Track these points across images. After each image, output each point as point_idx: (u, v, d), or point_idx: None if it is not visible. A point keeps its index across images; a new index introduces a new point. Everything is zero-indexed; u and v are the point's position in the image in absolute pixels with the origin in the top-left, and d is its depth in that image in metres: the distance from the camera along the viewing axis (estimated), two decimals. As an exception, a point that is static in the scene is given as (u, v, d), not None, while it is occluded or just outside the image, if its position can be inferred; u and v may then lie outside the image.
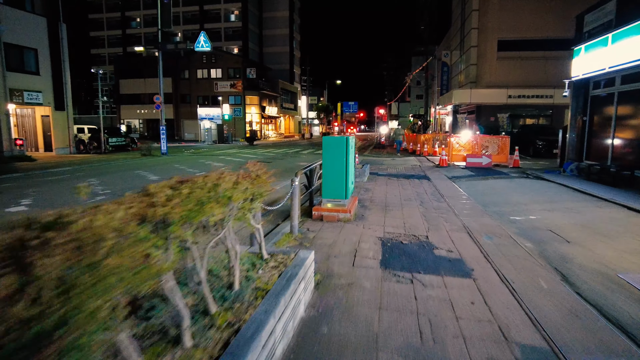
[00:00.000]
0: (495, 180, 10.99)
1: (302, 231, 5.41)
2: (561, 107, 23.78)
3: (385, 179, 11.12)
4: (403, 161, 17.32)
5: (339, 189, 5.98)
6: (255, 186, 2.73)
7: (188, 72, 51.69)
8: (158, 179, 11.09)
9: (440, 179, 11.06)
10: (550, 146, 19.37)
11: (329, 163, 5.94)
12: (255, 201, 2.77)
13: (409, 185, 9.87)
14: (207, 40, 19.91)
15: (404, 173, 12.55)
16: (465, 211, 6.89)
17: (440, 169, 13.76)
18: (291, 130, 66.13)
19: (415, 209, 7.09)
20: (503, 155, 14.69)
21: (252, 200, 2.75)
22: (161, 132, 21.04)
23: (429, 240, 5.12)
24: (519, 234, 5.68)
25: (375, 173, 12.33)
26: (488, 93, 24.22)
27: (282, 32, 67.01)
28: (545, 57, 23.74)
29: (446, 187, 9.65)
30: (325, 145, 5.93)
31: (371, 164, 15.38)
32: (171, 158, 19.17)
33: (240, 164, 15.80)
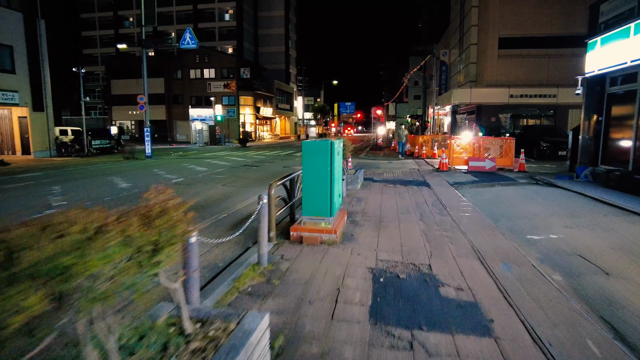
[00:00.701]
0: (503, 187, 9.95)
1: (273, 259, 4.34)
2: (564, 107, 22.83)
3: (380, 185, 10.07)
4: (400, 164, 16.29)
5: (323, 204, 4.92)
6: (157, 229, 1.66)
7: (181, 72, 50.57)
8: (129, 187, 10.03)
9: (441, 186, 10.02)
10: (555, 148, 18.40)
11: (310, 174, 4.88)
12: (161, 252, 1.70)
13: (407, 194, 8.82)
14: (194, 37, 18.83)
15: (401, 178, 11.51)
16: (473, 227, 5.84)
17: (441, 174, 12.72)
18: (287, 132, 65.07)
19: (414, 224, 6.04)
20: (508, 158, 13.67)
21: (156, 251, 1.68)
22: (145, 134, 19.94)
23: (432, 272, 4.06)
24: (543, 260, 4.63)
25: (370, 179, 11.28)
26: (489, 92, 23.24)
27: (278, 31, 65.98)
28: (548, 55, 22.78)
29: (448, 195, 8.60)
30: (305, 152, 4.87)
31: (366, 168, 14.34)
32: (154, 162, 18.07)
33: (226, 167, 14.80)
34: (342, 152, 5.61)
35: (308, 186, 4.92)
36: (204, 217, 6.75)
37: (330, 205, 4.91)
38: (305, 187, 4.94)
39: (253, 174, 13.12)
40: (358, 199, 8.15)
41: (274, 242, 4.94)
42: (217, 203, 7.98)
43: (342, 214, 5.69)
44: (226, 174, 12.89)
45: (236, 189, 9.78)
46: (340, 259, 4.41)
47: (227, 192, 9.39)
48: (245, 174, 12.93)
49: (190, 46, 18.91)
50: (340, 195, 5.63)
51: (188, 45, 18.94)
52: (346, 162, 10.26)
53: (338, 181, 5.30)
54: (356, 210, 7.04)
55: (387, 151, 25.40)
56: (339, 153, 5.41)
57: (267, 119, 55.10)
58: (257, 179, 11.80)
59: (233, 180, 11.38)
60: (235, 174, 12.93)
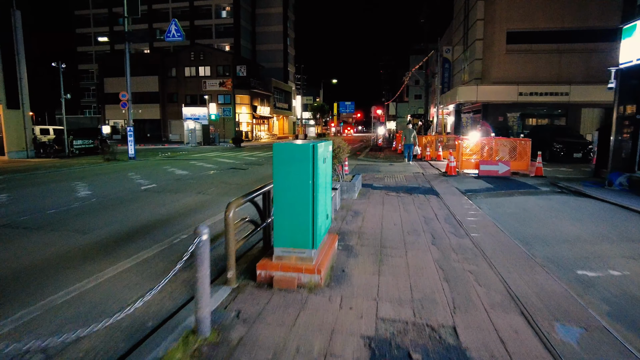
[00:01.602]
0: (524, 196, 8.55)
1: (224, 320, 2.94)
2: (577, 106, 21.45)
3: (381, 194, 8.69)
4: (403, 167, 14.90)
5: (302, 233, 3.53)
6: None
7: (175, 70, 49.20)
8: (87, 196, 8.55)
9: (451, 194, 8.63)
10: (570, 150, 17.03)
11: (285, 190, 3.49)
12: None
13: (412, 205, 7.43)
14: (180, 30, 17.45)
15: (404, 185, 10.12)
16: (502, 255, 4.46)
17: (449, 179, 11.33)
18: (285, 131, 63.70)
19: (425, 251, 4.66)
20: (523, 161, 12.29)
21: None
22: (128, 134, 18.55)
23: (459, 343, 2.67)
24: (616, 317, 3.24)
25: (370, 185, 9.89)
26: (496, 90, 21.84)
27: (276, 29, 64.57)
28: (559, 50, 21.39)
29: (462, 207, 7.22)
30: (277, 160, 3.49)
31: (365, 172, 12.96)
32: (135, 164, 16.67)
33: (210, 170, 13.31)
34: (331, 158, 4.24)
35: (281, 208, 3.53)
36: (155, 239, 5.36)
37: (312, 234, 3.52)
38: (277, 209, 3.55)
39: (238, 178, 11.72)
40: (354, 212, 6.76)
41: (233, 286, 3.55)
42: (181, 218, 6.59)
43: (330, 242, 4.29)
44: (207, 179, 11.50)
45: (212, 198, 8.39)
46: (323, 317, 3.01)
47: (200, 201, 8.00)
48: (229, 179, 11.53)
49: (176, 39, 17.53)
50: (329, 216, 4.25)
51: (174, 38, 17.56)
52: (342, 167, 8.88)
53: (324, 199, 3.91)
54: (351, 229, 5.64)
55: (388, 152, 24.01)
56: (327, 160, 4.02)
57: (264, 118, 53.73)
58: (240, 184, 10.40)
59: (212, 186, 9.99)
60: (218, 179, 11.54)
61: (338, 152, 8.02)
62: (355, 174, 9.49)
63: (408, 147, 16.77)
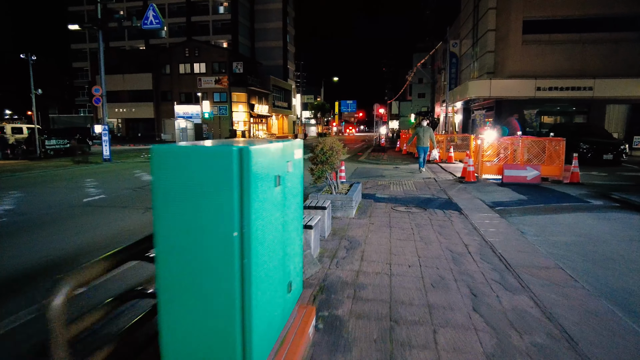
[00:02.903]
0: (575, 214, 6.54)
1: None
2: (601, 102, 19.40)
3: (386, 208, 6.72)
4: (410, 171, 12.92)
5: (216, 350, 1.55)
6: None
7: (169, 66, 47.33)
8: (3, 212, 6.54)
9: (477, 210, 6.65)
10: (599, 151, 15.01)
11: (177, 253, 1.53)
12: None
13: (430, 228, 5.46)
14: (158, 16, 15.51)
15: (415, 195, 8.14)
16: (599, 338, 2.48)
17: (468, 187, 9.34)
18: (285, 131, 61.76)
19: (467, 333, 2.69)
20: (555, 165, 10.29)
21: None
22: (103, 134, 16.62)
23: None
24: None
25: (371, 196, 7.92)
26: (511, 85, 19.81)
27: (275, 25, 62.59)
28: (582, 41, 19.33)
29: (498, 232, 5.25)
30: (160, 184, 1.51)
31: (366, 177, 10.98)
32: (104, 167, 14.76)
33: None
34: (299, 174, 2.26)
35: (173, 296, 1.56)
36: (24, 299, 3.41)
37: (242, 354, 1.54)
38: (165, 297, 1.58)
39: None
40: (350, 242, 4.79)
41: None
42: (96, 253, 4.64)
43: (299, 326, 2.30)
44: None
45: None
46: None
47: (143, 224, 6.02)
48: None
49: (154, 26, 15.58)
50: (294, 284, 2.28)
51: (152, 25, 15.61)
52: (336, 174, 6.92)
53: (279, 259, 1.92)
54: (343, 278, 3.67)
55: (392, 153, 22.03)
56: (290, 177, 2.05)
57: (262, 117, 51.80)
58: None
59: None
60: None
61: (330, 155, 6.07)
62: (354, 182, 7.51)
63: (423, 151, 12.63)
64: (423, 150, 12.73)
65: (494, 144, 10.81)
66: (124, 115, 50.37)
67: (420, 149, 12.76)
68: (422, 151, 12.76)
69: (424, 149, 12.70)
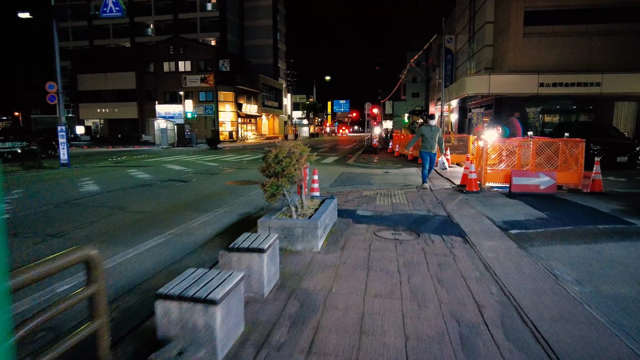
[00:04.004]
0: (623, 243, 4.86)
1: None
2: (609, 99, 17.92)
3: (368, 234, 5.06)
4: (402, 177, 11.28)
5: None
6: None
7: (153, 65, 45.40)
8: None
9: (487, 237, 5.01)
10: (612, 152, 13.52)
11: None
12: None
13: (424, 269, 3.80)
14: (119, 3, 13.75)
15: (406, 211, 6.48)
16: None
17: (471, 199, 7.70)
18: (276, 131, 59.98)
19: None
20: (573, 172, 8.69)
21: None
22: (59, 136, 14.82)
23: None
24: None
25: (351, 214, 6.25)
26: (512, 80, 18.28)
27: (265, 22, 60.78)
28: (589, 33, 17.84)
29: (522, 275, 3.62)
30: None
31: (351, 184, 9.30)
32: (55, 174, 13.00)
33: (140, 183, 8.20)
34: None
35: None
36: None
37: None
38: None
39: (155, 201, 8.03)
40: (301, 304, 3.10)
41: None
42: None
43: None
44: (111, 201, 7.84)
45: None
46: None
47: (21, 260, 4.31)
48: (141, 202, 7.84)
49: (114, 14, 13.84)
50: None
51: (111, 13, 13.86)
52: (300, 188, 5.25)
53: None
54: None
55: (384, 155, 20.42)
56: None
57: (251, 117, 50.00)
58: (145, 214, 6.76)
59: (95, 220, 6.35)
60: (126, 201, 7.87)
61: (288, 164, 4.41)
62: (327, 198, 5.82)
63: (430, 158, 8.94)
64: (429, 156, 8.90)
65: (499, 146, 9.17)
66: (107, 116, 48.35)
67: (426, 155, 8.90)
68: (427, 158, 8.90)
69: (431, 155, 8.92)
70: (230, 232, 5.49)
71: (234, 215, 6.55)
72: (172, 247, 4.85)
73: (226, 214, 6.65)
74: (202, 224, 5.96)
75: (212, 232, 5.49)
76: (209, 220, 6.15)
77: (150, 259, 4.45)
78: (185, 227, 5.74)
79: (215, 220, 6.16)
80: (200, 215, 6.49)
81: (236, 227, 5.71)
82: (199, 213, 6.63)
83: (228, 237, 5.13)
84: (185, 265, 4.10)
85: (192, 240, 5.14)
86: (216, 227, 5.79)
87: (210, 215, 6.52)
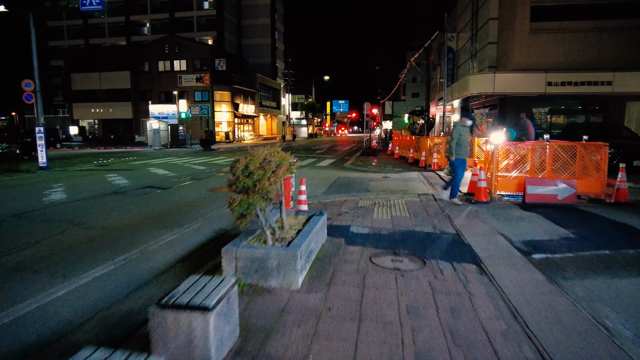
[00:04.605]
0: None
1: None
2: (621, 99, 17.01)
3: (361, 262, 4.14)
4: (402, 182, 10.37)
5: None
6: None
7: (148, 64, 44.43)
8: None
9: (505, 262, 4.10)
10: (629, 156, 12.61)
11: None
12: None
13: (433, 317, 2.88)
14: (100, -5, 12.83)
15: (408, 227, 5.56)
16: None
17: (480, 209, 6.78)
18: (273, 132, 59.02)
19: None
20: (594, 179, 7.77)
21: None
22: (37, 138, 13.91)
23: None
24: None
25: (344, 231, 5.33)
26: (518, 79, 17.36)
27: (263, 21, 59.84)
28: (599, 29, 16.91)
29: (560, 327, 2.69)
30: None
31: (347, 191, 8.37)
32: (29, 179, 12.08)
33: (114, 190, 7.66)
34: None
35: None
36: None
37: None
38: None
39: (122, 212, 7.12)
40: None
41: None
42: None
43: None
44: (73, 212, 6.94)
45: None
46: None
47: None
48: (106, 215, 6.93)
49: (94, 8, 12.93)
50: None
51: (92, 6, 12.98)
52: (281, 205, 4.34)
53: None
54: None
55: (383, 156, 19.52)
56: None
57: (248, 117, 49.05)
58: (106, 229, 5.85)
59: (37, 240, 5.45)
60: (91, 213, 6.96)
61: (261, 176, 3.50)
62: (315, 214, 4.89)
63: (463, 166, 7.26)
64: (462, 164, 7.20)
65: (511, 150, 8.24)
66: (101, 116, 47.43)
67: (461, 164, 7.17)
68: (462, 167, 7.20)
69: (463, 163, 7.22)
70: (196, 256, 4.58)
71: (207, 231, 5.64)
72: (119, 279, 3.94)
73: (199, 230, 5.73)
74: (166, 244, 5.05)
75: (174, 256, 4.58)
76: (176, 240, 5.24)
77: (85, 297, 3.53)
78: (145, 249, 4.83)
79: (183, 239, 5.25)
80: (168, 232, 5.57)
81: (206, 249, 4.81)
82: (167, 229, 5.72)
83: (191, 265, 4.22)
84: (127, 308, 3.19)
85: (148, 268, 4.22)
86: (182, 248, 4.88)
87: (179, 232, 5.60)
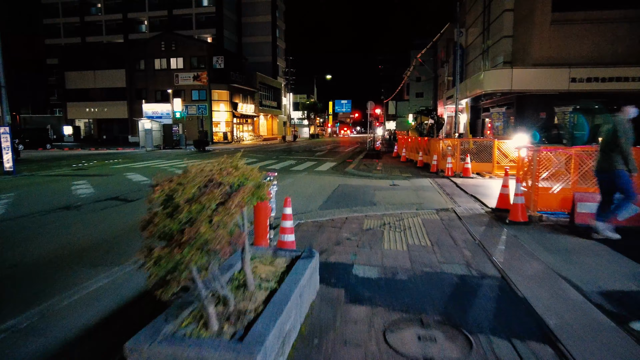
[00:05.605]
0: None
1: None
2: (652, 97, 15.34)
3: (370, 341, 2.58)
4: (414, 192, 8.80)
5: None
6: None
7: (144, 62, 42.98)
8: None
9: (594, 340, 2.53)
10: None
11: None
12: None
13: None
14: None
15: (432, 266, 4.00)
16: None
17: (520, 235, 5.21)
18: (274, 132, 57.50)
19: None
20: (660, 193, 6.16)
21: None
22: (2, 139, 12.43)
23: None
24: None
25: (343, 273, 3.77)
26: (538, 75, 15.78)
27: (264, 19, 58.34)
28: (628, 19, 15.33)
29: None
30: None
31: (347, 204, 6.77)
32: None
33: (71, 203, 6.18)
34: None
35: None
36: None
37: None
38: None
39: (53, 239, 5.60)
40: None
41: None
42: None
43: None
44: None
45: None
46: None
47: None
48: (20, 246, 5.41)
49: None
50: None
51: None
52: (244, 252, 2.72)
53: None
54: None
55: (388, 159, 17.95)
56: None
57: (247, 117, 47.55)
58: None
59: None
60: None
61: (195, 215, 1.93)
62: (301, 255, 3.34)
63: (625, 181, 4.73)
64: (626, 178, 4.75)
65: (550, 157, 6.61)
66: (96, 115, 46.08)
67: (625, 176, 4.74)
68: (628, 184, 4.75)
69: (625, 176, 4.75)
70: (123, 321, 3.03)
71: (155, 272, 4.08)
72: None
73: (141, 270, 4.18)
74: (85, 298, 3.50)
75: (87, 323, 3.02)
76: (103, 288, 3.69)
77: None
78: (50, 308, 3.28)
79: (115, 288, 3.70)
80: (100, 273, 4.03)
81: (141, 306, 3.27)
82: (102, 267, 4.19)
83: (109, 338, 2.67)
84: None
85: (33, 350, 2.67)
86: (106, 306, 3.32)
87: (115, 273, 4.06)
